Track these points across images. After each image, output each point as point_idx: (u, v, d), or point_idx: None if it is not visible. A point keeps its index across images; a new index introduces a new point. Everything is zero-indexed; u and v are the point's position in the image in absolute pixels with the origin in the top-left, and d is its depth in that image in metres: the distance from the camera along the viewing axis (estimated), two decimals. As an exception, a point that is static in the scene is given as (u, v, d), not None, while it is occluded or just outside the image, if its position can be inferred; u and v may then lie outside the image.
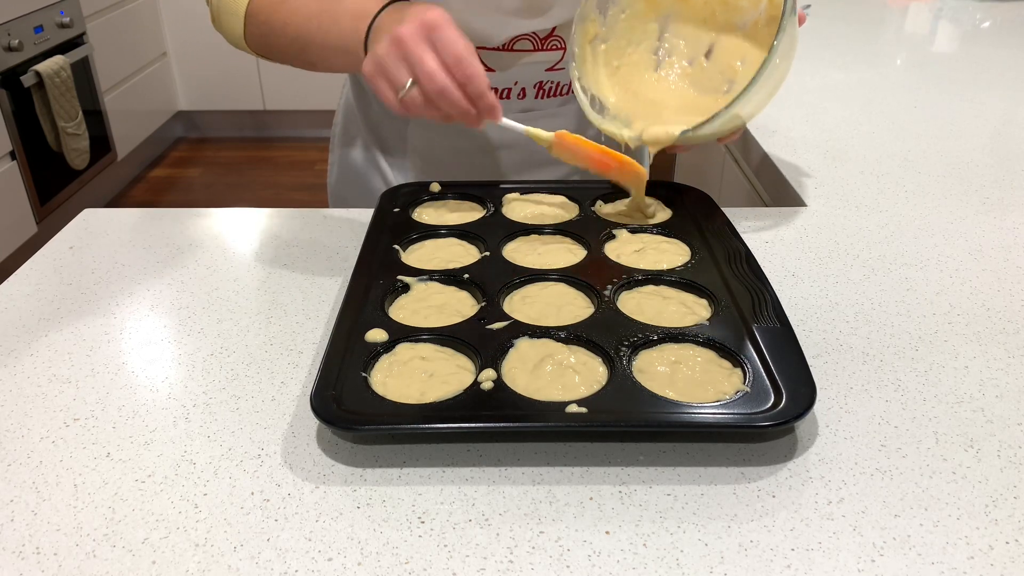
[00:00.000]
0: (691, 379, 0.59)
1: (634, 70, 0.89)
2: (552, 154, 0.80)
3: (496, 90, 0.94)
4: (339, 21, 0.78)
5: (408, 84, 0.68)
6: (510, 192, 0.89)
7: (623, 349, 0.62)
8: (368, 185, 1.06)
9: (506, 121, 0.75)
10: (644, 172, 0.81)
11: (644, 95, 0.88)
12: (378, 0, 0.76)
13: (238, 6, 0.86)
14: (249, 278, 0.80)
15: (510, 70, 0.92)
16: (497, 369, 0.60)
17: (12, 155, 2.55)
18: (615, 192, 0.89)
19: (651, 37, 0.90)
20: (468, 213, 0.85)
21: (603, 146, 0.80)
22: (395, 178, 1.04)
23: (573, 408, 0.56)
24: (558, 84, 0.95)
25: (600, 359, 0.62)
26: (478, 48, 0.89)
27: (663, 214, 0.85)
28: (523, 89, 0.94)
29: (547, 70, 0.94)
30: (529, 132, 0.78)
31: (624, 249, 0.77)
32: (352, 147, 1.07)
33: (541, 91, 0.95)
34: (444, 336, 0.64)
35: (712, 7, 0.87)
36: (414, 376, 0.60)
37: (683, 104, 0.86)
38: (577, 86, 0.85)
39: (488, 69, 0.92)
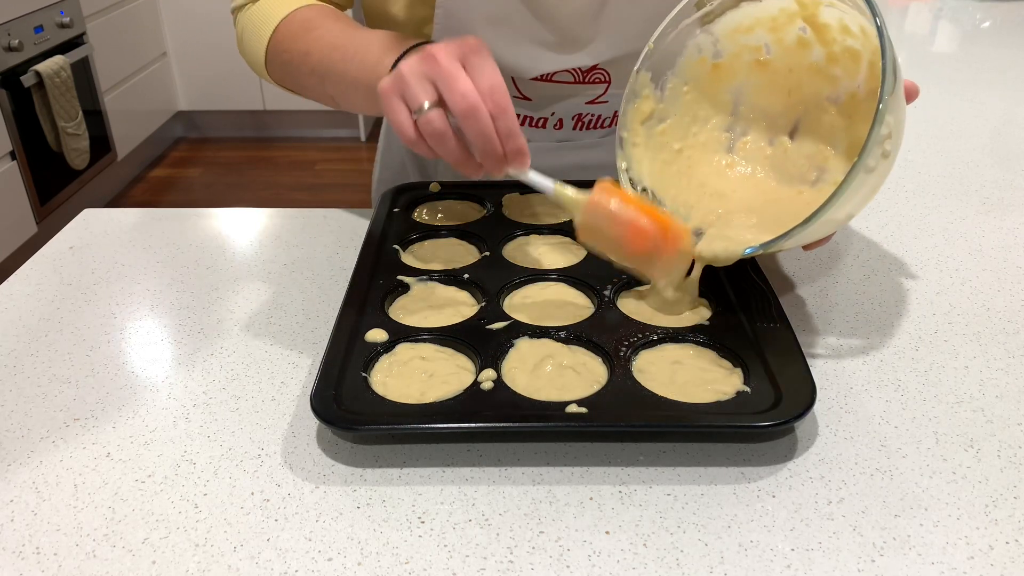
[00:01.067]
0: (691, 379, 0.59)
1: (700, 153, 0.75)
2: (579, 237, 0.66)
3: (531, 119, 0.89)
4: (365, 53, 0.71)
5: (427, 105, 0.59)
6: (510, 192, 0.89)
7: (623, 349, 0.62)
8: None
9: (531, 174, 0.63)
10: (689, 251, 0.66)
11: (711, 185, 0.73)
12: (409, 38, 0.70)
13: (262, 32, 0.80)
14: (249, 278, 0.80)
15: (547, 99, 0.88)
16: (497, 369, 0.60)
17: (12, 155, 2.55)
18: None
19: (723, 112, 0.75)
20: (468, 213, 0.85)
21: (647, 205, 0.65)
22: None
23: (573, 408, 0.56)
24: (599, 117, 0.90)
25: (600, 359, 0.62)
26: (513, 77, 0.86)
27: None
28: (560, 120, 0.90)
29: (587, 103, 0.89)
30: (558, 190, 0.64)
31: (624, 249, 0.77)
32: (392, 158, 1.04)
33: (580, 123, 0.90)
34: (444, 336, 0.64)
35: (798, 76, 0.71)
36: (414, 376, 0.60)
37: (760, 198, 0.71)
38: (624, 179, 0.72)
39: (524, 98, 0.88)
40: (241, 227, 0.91)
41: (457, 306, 0.69)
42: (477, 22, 0.82)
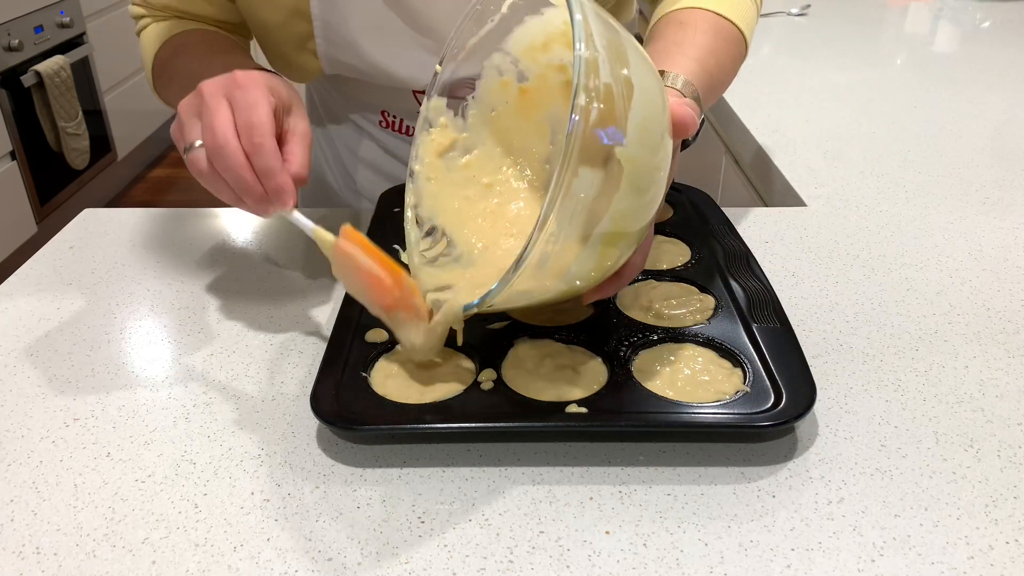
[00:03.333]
0: (691, 379, 0.59)
1: (513, 189, 0.65)
2: (333, 271, 0.61)
3: None
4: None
5: (196, 143, 0.58)
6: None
7: (623, 349, 0.62)
8: (327, 199, 1.04)
9: (296, 215, 0.60)
10: (424, 311, 0.58)
11: (522, 225, 0.63)
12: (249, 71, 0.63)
13: (147, 56, 0.85)
14: (249, 278, 0.80)
15: None
16: (497, 369, 0.60)
17: (12, 155, 2.55)
18: None
19: (541, 140, 0.64)
20: (468, 213, 0.85)
21: (387, 257, 0.58)
22: (350, 198, 1.01)
23: (573, 408, 0.56)
24: None
25: (600, 359, 0.62)
26: (414, 92, 0.84)
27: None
28: None
29: None
30: (316, 233, 0.60)
31: (624, 249, 0.77)
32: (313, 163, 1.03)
33: None
34: (444, 336, 0.64)
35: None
36: (414, 376, 0.60)
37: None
38: (410, 216, 0.65)
39: None
40: (241, 227, 0.91)
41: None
42: (356, 33, 0.81)
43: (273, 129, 0.57)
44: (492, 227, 0.64)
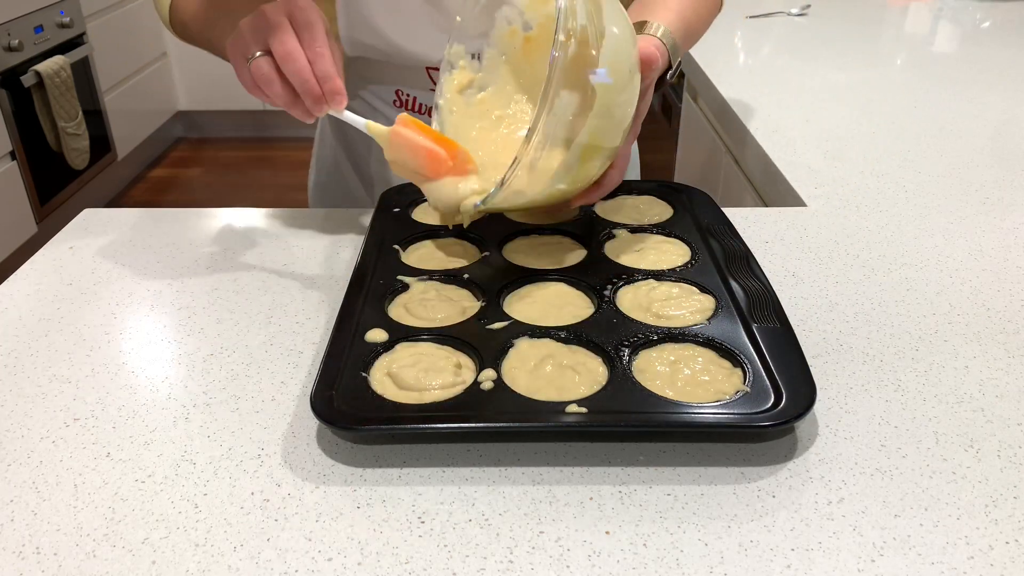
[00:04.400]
0: (691, 379, 0.59)
1: (520, 122, 0.78)
2: (387, 156, 0.72)
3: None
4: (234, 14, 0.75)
5: (257, 53, 0.68)
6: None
7: (623, 349, 0.62)
8: (340, 191, 1.08)
9: (347, 114, 0.71)
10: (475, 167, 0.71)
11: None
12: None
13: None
14: (249, 278, 0.80)
15: None
16: (497, 369, 0.60)
17: (12, 155, 2.55)
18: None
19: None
20: (468, 213, 0.85)
21: (439, 134, 0.72)
22: (361, 190, 1.05)
23: (573, 408, 0.56)
24: None
25: (600, 359, 0.62)
26: (427, 68, 0.91)
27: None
28: None
29: None
30: (370, 127, 0.71)
31: (624, 249, 0.77)
32: (326, 155, 1.08)
33: None
34: (444, 336, 0.64)
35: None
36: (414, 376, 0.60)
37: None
38: None
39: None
40: (241, 227, 0.91)
41: (457, 306, 0.69)
42: (375, 12, 0.87)
43: (328, 43, 0.68)
44: (500, 149, 0.76)
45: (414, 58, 0.89)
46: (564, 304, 0.69)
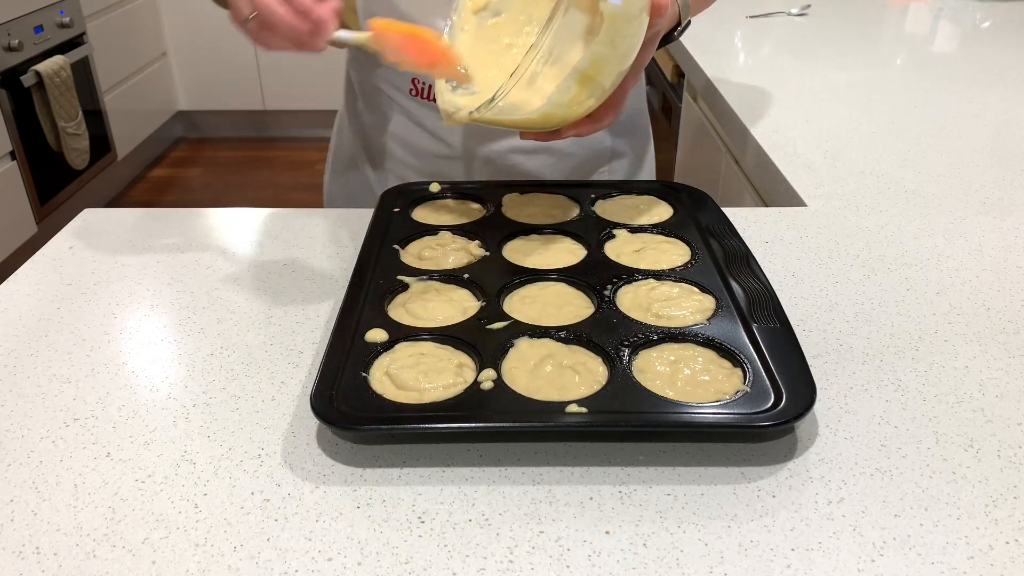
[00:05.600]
0: (691, 379, 0.59)
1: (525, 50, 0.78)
2: (385, 60, 0.73)
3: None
4: None
5: (250, 15, 0.68)
6: (510, 192, 0.89)
7: (623, 349, 0.62)
8: (356, 188, 1.09)
9: (338, 34, 0.71)
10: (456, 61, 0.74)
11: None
12: None
13: None
14: (249, 278, 0.80)
15: None
16: (497, 369, 0.60)
17: (12, 155, 2.55)
18: (612, 192, 0.89)
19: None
20: (468, 213, 0.85)
21: (421, 28, 0.73)
22: (377, 186, 1.06)
23: (573, 408, 0.56)
24: None
25: (600, 359, 0.62)
26: None
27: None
28: None
29: None
30: (356, 38, 0.72)
31: (624, 249, 0.77)
32: (343, 152, 1.10)
33: None
34: (444, 336, 0.64)
35: None
36: (413, 376, 0.60)
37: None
38: None
39: None
40: (241, 227, 0.91)
41: (457, 306, 0.69)
42: None
43: None
44: (504, 74, 0.74)
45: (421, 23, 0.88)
46: (564, 304, 0.69)
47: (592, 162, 1.02)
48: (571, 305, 0.69)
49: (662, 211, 0.85)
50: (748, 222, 0.89)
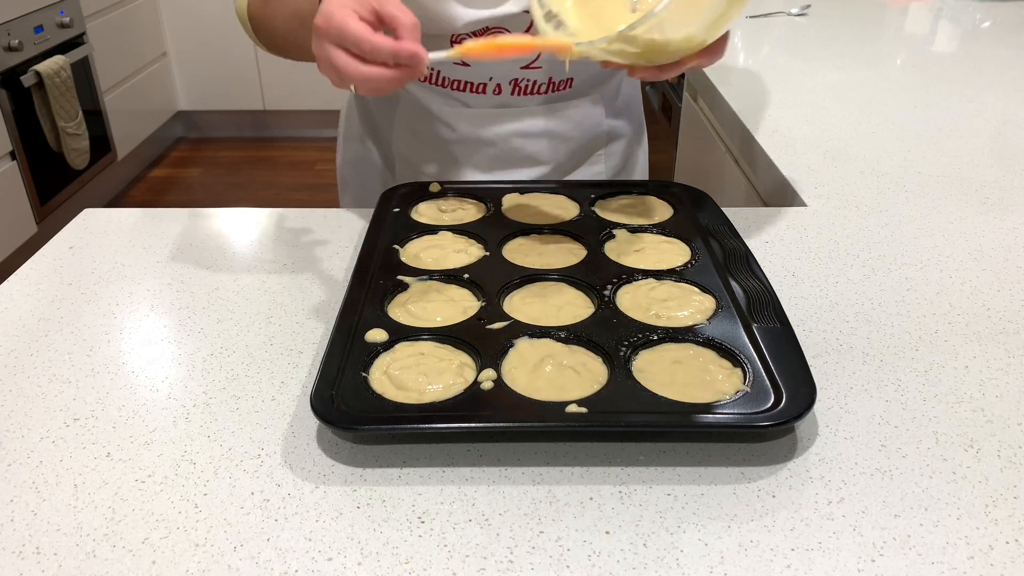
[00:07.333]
0: (691, 379, 0.59)
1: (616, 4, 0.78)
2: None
3: (471, 84, 0.94)
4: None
5: (352, 88, 0.69)
6: (510, 192, 0.89)
7: (623, 349, 0.62)
8: (366, 171, 1.11)
9: (432, 55, 0.68)
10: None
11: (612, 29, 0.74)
12: None
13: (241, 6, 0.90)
14: (249, 278, 0.80)
15: (484, 65, 0.92)
16: (497, 369, 0.60)
17: (12, 155, 2.55)
18: (613, 192, 0.89)
19: None
20: (468, 213, 0.85)
21: (518, 39, 0.74)
22: (387, 170, 1.08)
23: (573, 408, 0.56)
24: (535, 83, 0.94)
25: (600, 359, 0.62)
26: (452, 38, 0.91)
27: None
28: (498, 85, 0.94)
29: (522, 68, 0.93)
30: (449, 56, 0.69)
31: (624, 249, 0.77)
32: (352, 137, 1.12)
33: (517, 88, 0.94)
34: (444, 336, 0.64)
35: None
36: (413, 376, 0.60)
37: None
38: (535, 2, 0.77)
39: (462, 63, 0.92)
40: (241, 227, 0.91)
41: (457, 306, 0.69)
42: None
43: (367, 29, 0.66)
44: (596, 23, 0.74)
45: (441, 23, 0.87)
46: (564, 304, 0.69)
47: (591, 145, 1.03)
48: (571, 305, 0.69)
49: (662, 211, 0.85)
50: (748, 222, 0.89)
